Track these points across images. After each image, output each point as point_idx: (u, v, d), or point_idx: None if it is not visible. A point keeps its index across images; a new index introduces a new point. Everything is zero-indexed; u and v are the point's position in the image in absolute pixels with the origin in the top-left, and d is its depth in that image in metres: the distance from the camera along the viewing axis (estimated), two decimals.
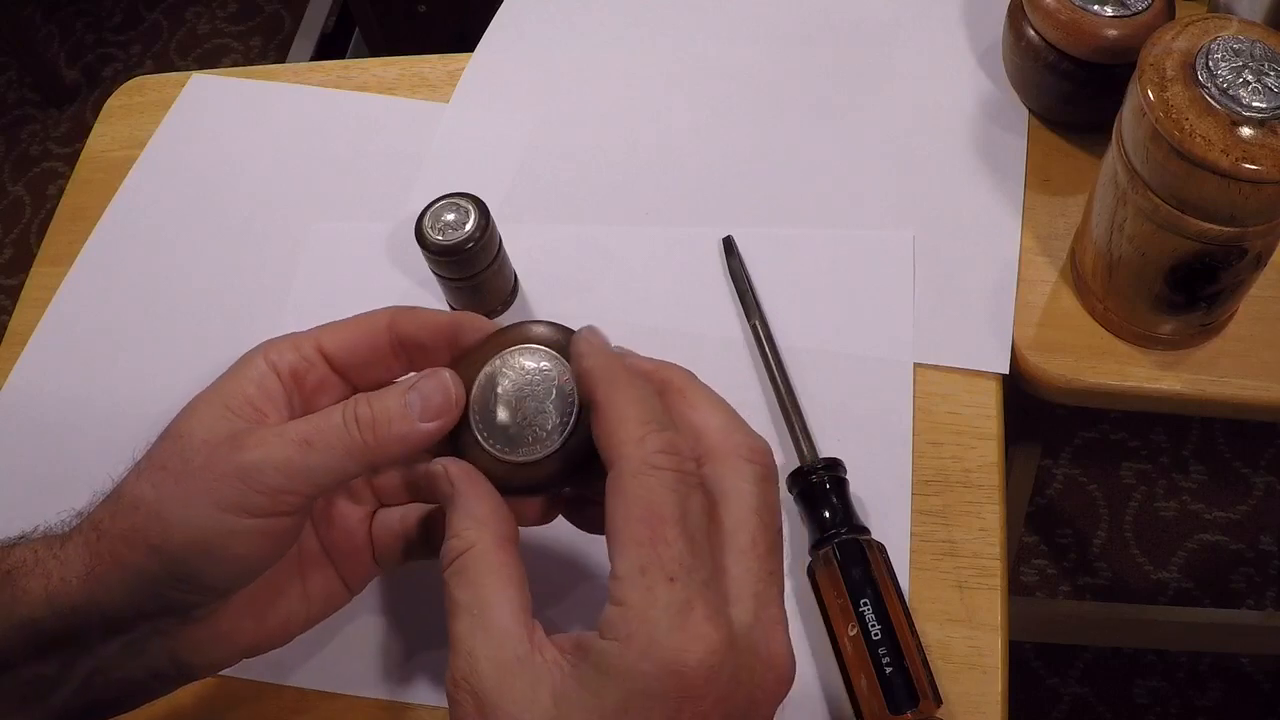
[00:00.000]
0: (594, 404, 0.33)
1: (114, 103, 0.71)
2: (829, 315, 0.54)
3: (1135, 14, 0.52)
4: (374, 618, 0.48)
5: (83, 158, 0.69)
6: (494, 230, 0.52)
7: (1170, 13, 0.53)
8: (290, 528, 0.35)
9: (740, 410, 0.51)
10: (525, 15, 0.69)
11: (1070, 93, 0.55)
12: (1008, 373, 0.51)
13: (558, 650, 0.31)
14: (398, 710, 0.46)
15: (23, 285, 0.63)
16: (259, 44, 1.94)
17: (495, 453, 0.36)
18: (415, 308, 0.38)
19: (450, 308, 0.55)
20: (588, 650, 0.30)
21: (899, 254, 0.55)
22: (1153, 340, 0.51)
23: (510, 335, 0.37)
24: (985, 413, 0.50)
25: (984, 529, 0.47)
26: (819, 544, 0.45)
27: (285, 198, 0.63)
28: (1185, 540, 1.24)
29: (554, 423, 0.35)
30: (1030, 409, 0.76)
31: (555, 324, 0.37)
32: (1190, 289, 0.47)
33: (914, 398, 0.51)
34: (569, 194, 0.61)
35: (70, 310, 0.61)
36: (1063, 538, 1.25)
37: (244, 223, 0.63)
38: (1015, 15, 0.56)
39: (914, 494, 0.48)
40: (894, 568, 0.44)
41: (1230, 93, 0.41)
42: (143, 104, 0.70)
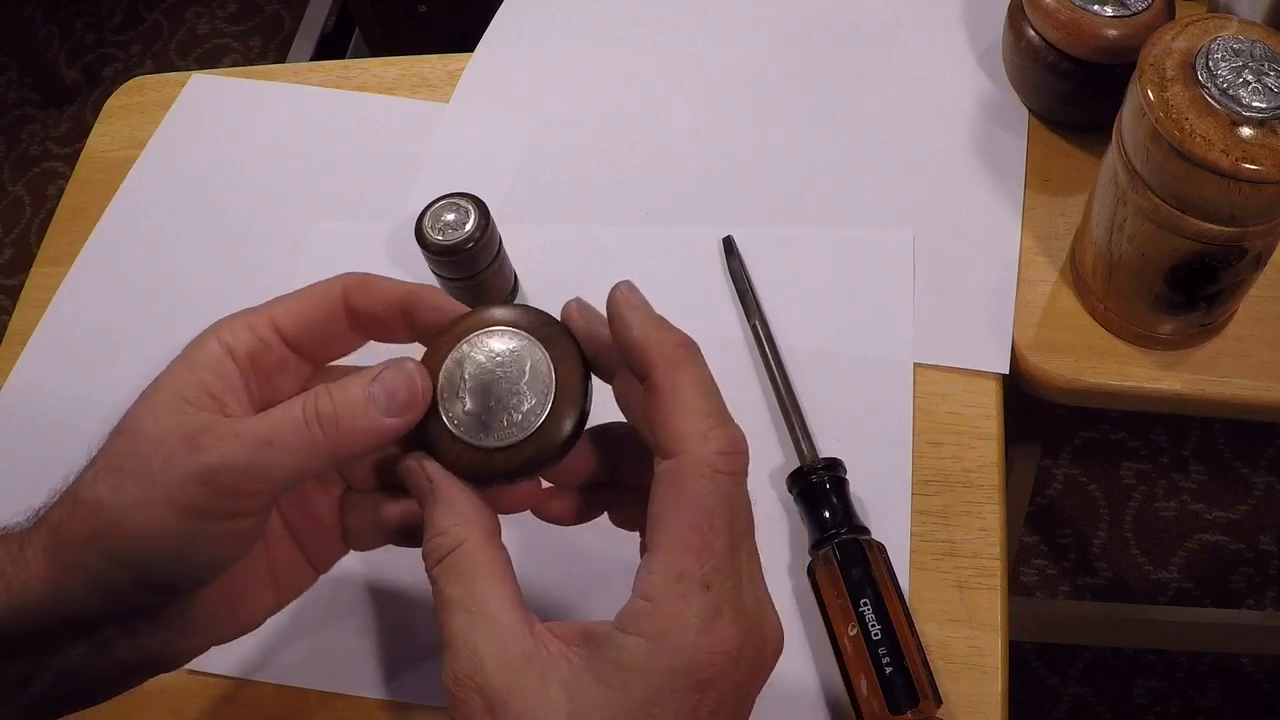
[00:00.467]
0: (651, 384, 0.32)
1: (114, 103, 0.71)
2: (829, 315, 0.54)
3: (1135, 14, 0.52)
4: (374, 618, 0.48)
5: (83, 158, 0.69)
6: (494, 230, 0.52)
7: (1170, 13, 0.53)
8: (255, 525, 0.34)
9: (740, 410, 0.51)
10: (525, 15, 0.69)
11: (1070, 93, 0.55)
12: (1008, 373, 0.51)
13: (562, 642, 0.31)
14: (398, 710, 0.46)
15: (23, 285, 0.63)
16: (259, 44, 1.94)
17: (468, 440, 0.34)
18: (368, 278, 0.37)
19: None
20: (603, 642, 0.30)
21: (899, 254, 0.55)
22: (1153, 340, 0.51)
23: (476, 319, 0.36)
24: (985, 413, 0.50)
25: (984, 529, 0.47)
26: (819, 544, 0.45)
27: (285, 198, 0.63)
28: (1185, 540, 1.24)
29: (529, 405, 0.34)
30: (1030, 409, 0.76)
31: (522, 306, 0.36)
32: (1190, 289, 0.47)
33: (914, 398, 0.51)
34: (569, 194, 0.61)
35: (70, 310, 0.61)
36: (1063, 538, 1.25)
37: (244, 223, 0.63)
38: (1015, 15, 0.56)
39: (914, 494, 0.48)
40: (894, 568, 0.44)
41: (1230, 93, 0.41)
42: (143, 104, 0.70)
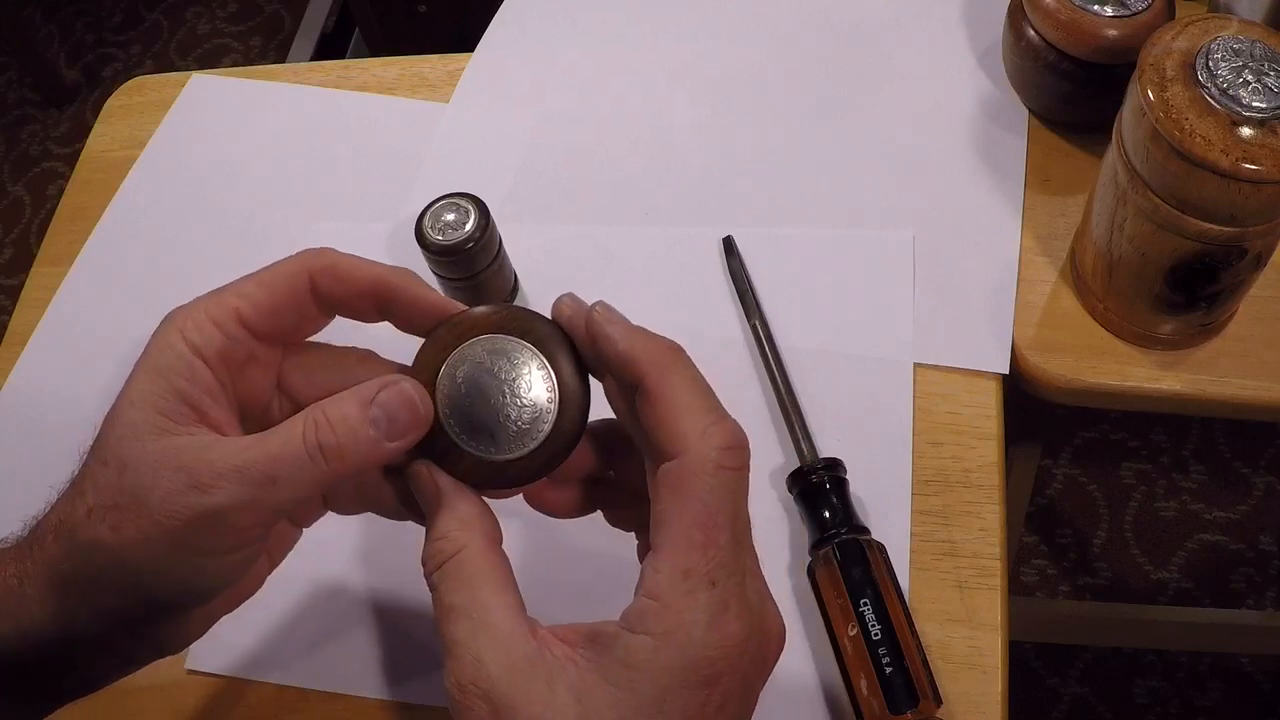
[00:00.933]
0: (645, 390, 0.32)
1: (114, 103, 0.71)
2: (829, 315, 0.54)
3: (1135, 14, 0.52)
4: (374, 618, 0.48)
5: (83, 158, 0.69)
6: (494, 230, 0.52)
7: (1170, 13, 0.53)
8: (258, 549, 0.34)
9: (740, 410, 0.51)
10: (526, 14, 0.69)
11: (1070, 93, 0.55)
12: (1008, 373, 0.51)
13: (566, 645, 0.31)
14: (398, 710, 0.46)
15: (23, 285, 0.63)
16: (259, 44, 1.94)
17: (477, 453, 0.34)
18: (336, 261, 0.35)
19: None
20: (609, 643, 0.30)
21: (899, 254, 0.55)
22: (1153, 340, 0.51)
23: (469, 323, 0.35)
24: (985, 413, 0.50)
25: (984, 529, 0.47)
26: (819, 544, 0.45)
27: (285, 198, 0.63)
28: (1185, 540, 1.24)
29: (533, 412, 0.34)
30: (1030, 409, 0.76)
31: (513, 307, 0.35)
32: (1190, 289, 0.47)
33: (914, 398, 0.51)
34: (569, 193, 0.61)
35: (70, 310, 0.61)
36: (1063, 538, 1.25)
37: (244, 223, 0.63)
38: (1015, 15, 0.56)
39: (914, 494, 0.48)
40: (894, 568, 0.44)
41: (1230, 93, 0.41)
42: (143, 104, 0.70)
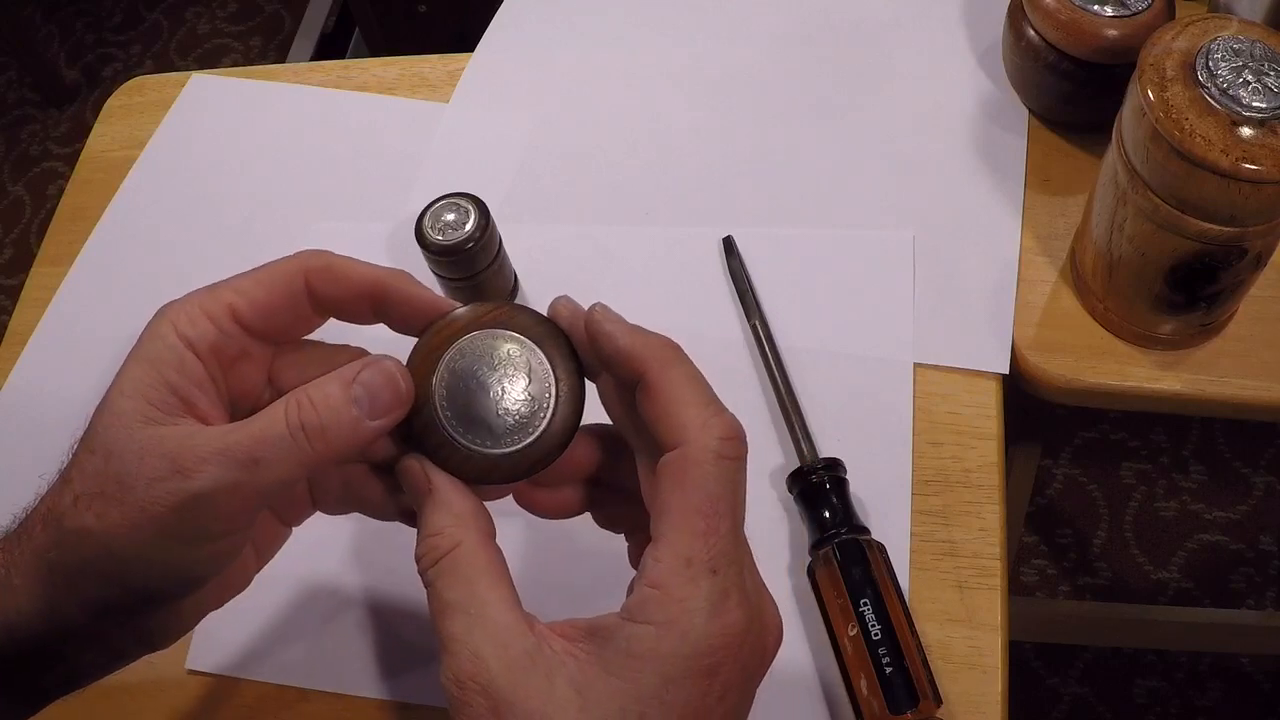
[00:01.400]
0: (646, 384, 0.32)
1: (114, 103, 0.71)
2: (829, 315, 0.54)
3: (1135, 14, 0.52)
4: (374, 617, 0.48)
5: (83, 158, 0.69)
6: (494, 230, 0.52)
7: (1170, 13, 0.53)
8: (244, 535, 0.34)
9: (740, 410, 0.51)
10: (525, 15, 0.69)
11: (1070, 93, 0.55)
12: (1008, 373, 0.51)
13: (565, 640, 0.31)
14: (397, 710, 0.46)
15: (23, 285, 0.63)
16: (259, 44, 1.94)
17: (472, 447, 0.34)
18: (332, 263, 0.35)
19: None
20: (610, 635, 0.30)
21: (899, 254, 0.55)
22: (1153, 340, 0.51)
23: (468, 319, 0.35)
24: (985, 413, 0.50)
25: (984, 529, 0.47)
26: (819, 544, 0.45)
27: (285, 198, 0.63)
28: (1185, 540, 1.24)
29: (528, 408, 0.34)
30: (1030, 409, 0.76)
31: (512, 304, 0.36)
32: (1190, 289, 0.47)
33: (914, 398, 0.51)
34: (569, 193, 0.61)
35: (70, 310, 0.61)
36: (1063, 538, 1.25)
37: (244, 223, 0.63)
38: (1015, 15, 0.56)
39: (914, 494, 0.48)
40: (894, 568, 0.44)
41: (1230, 93, 0.41)
42: (143, 104, 0.70)
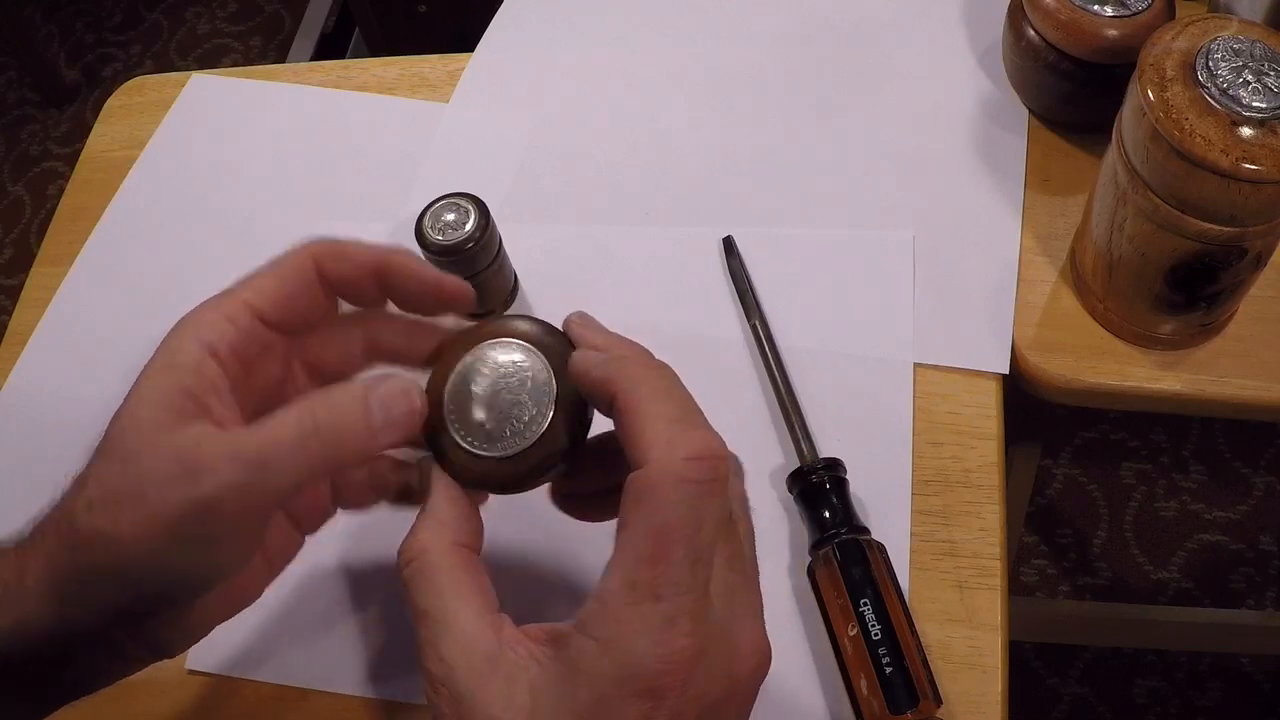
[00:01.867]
0: (615, 402, 0.32)
1: (114, 103, 0.71)
2: (829, 315, 0.54)
3: (1135, 14, 0.52)
4: (374, 618, 0.48)
5: (83, 158, 0.69)
6: (494, 230, 0.52)
7: (1170, 13, 0.53)
8: (255, 539, 0.35)
9: (740, 410, 0.51)
10: (525, 15, 0.69)
11: (1070, 93, 0.55)
12: (1008, 373, 0.51)
13: (532, 642, 0.31)
14: (398, 710, 0.46)
15: (23, 285, 0.63)
16: (259, 44, 1.94)
17: (473, 449, 0.35)
18: (339, 245, 0.36)
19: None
20: (564, 643, 0.30)
21: (899, 254, 0.55)
22: (1153, 340, 0.51)
23: (482, 330, 0.37)
24: (985, 413, 0.50)
25: (984, 529, 0.47)
26: (819, 544, 0.45)
27: (285, 198, 0.63)
28: (1185, 540, 1.24)
29: (530, 415, 0.35)
30: (1030, 409, 0.76)
31: (528, 317, 0.37)
32: (1190, 289, 0.47)
33: (914, 398, 0.51)
34: (569, 194, 0.61)
35: (70, 310, 0.61)
36: (1063, 538, 1.25)
37: (244, 223, 0.63)
38: (1015, 15, 0.56)
39: (914, 494, 0.48)
40: (894, 568, 0.44)
41: (1230, 93, 0.41)
42: (143, 104, 0.70)
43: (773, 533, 0.48)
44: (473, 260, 0.51)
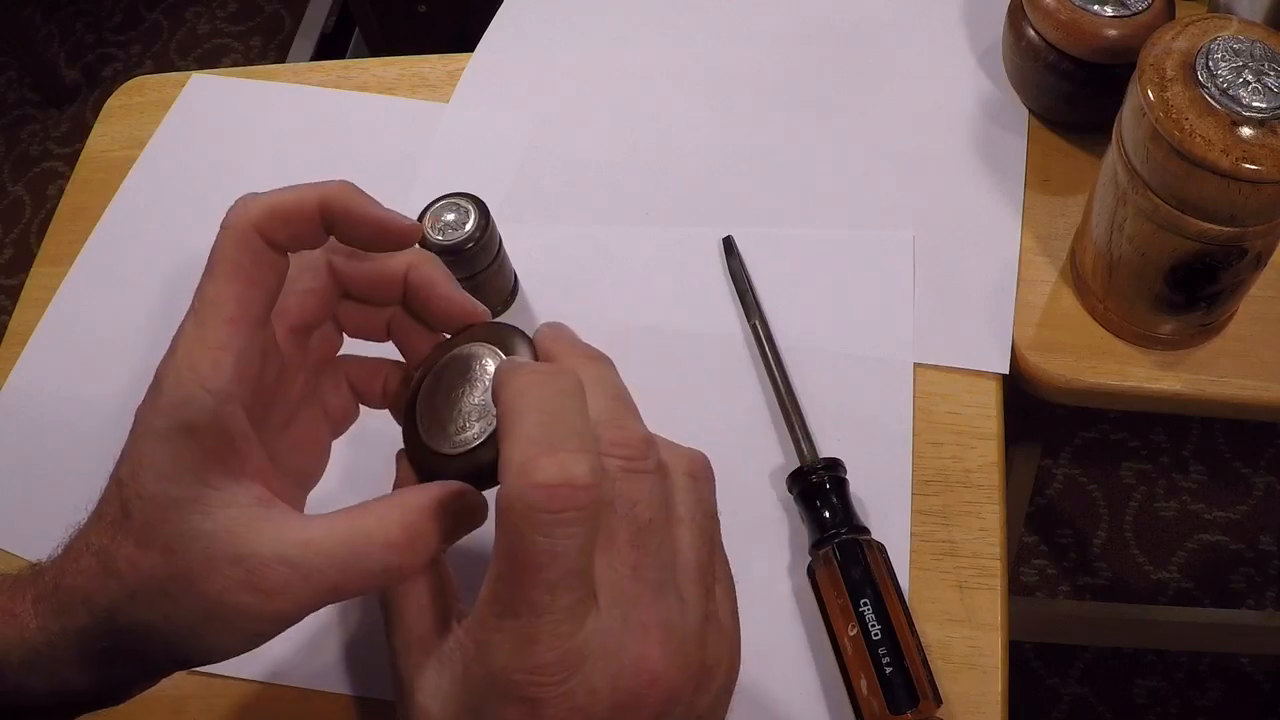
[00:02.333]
0: (497, 413, 0.31)
1: (114, 103, 0.71)
2: (829, 315, 0.54)
3: (1135, 14, 0.52)
4: (374, 618, 0.48)
5: (83, 158, 0.69)
6: (494, 230, 0.52)
7: (1170, 13, 0.53)
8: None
9: (740, 410, 0.51)
10: (525, 15, 0.69)
11: (1070, 93, 0.55)
12: (1008, 373, 0.51)
13: (462, 631, 0.32)
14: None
15: (23, 285, 0.63)
16: (259, 44, 1.94)
17: (429, 444, 0.36)
18: (274, 205, 0.35)
19: None
20: (469, 634, 0.31)
21: (899, 254, 0.55)
22: (1153, 340, 0.51)
23: (464, 336, 0.38)
24: (985, 413, 0.50)
25: (984, 529, 0.47)
26: (819, 544, 0.45)
27: None
28: (1185, 540, 1.24)
29: (480, 413, 0.36)
30: (1030, 409, 0.76)
31: (511, 326, 0.38)
32: (1190, 289, 0.47)
33: (914, 398, 0.51)
34: (569, 194, 0.61)
35: (70, 310, 0.61)
36: (1063, 538, 1.25)
37: None
38: (1015, 15, 0.56)
39: (914, 494, 0.48)
40: (894, 568, 0.44)
41: (1230, 93, 0.41)
42: (143, 104, 0.70)
43: (773, 533, 0.48)
44: (473, 260, 0.52)
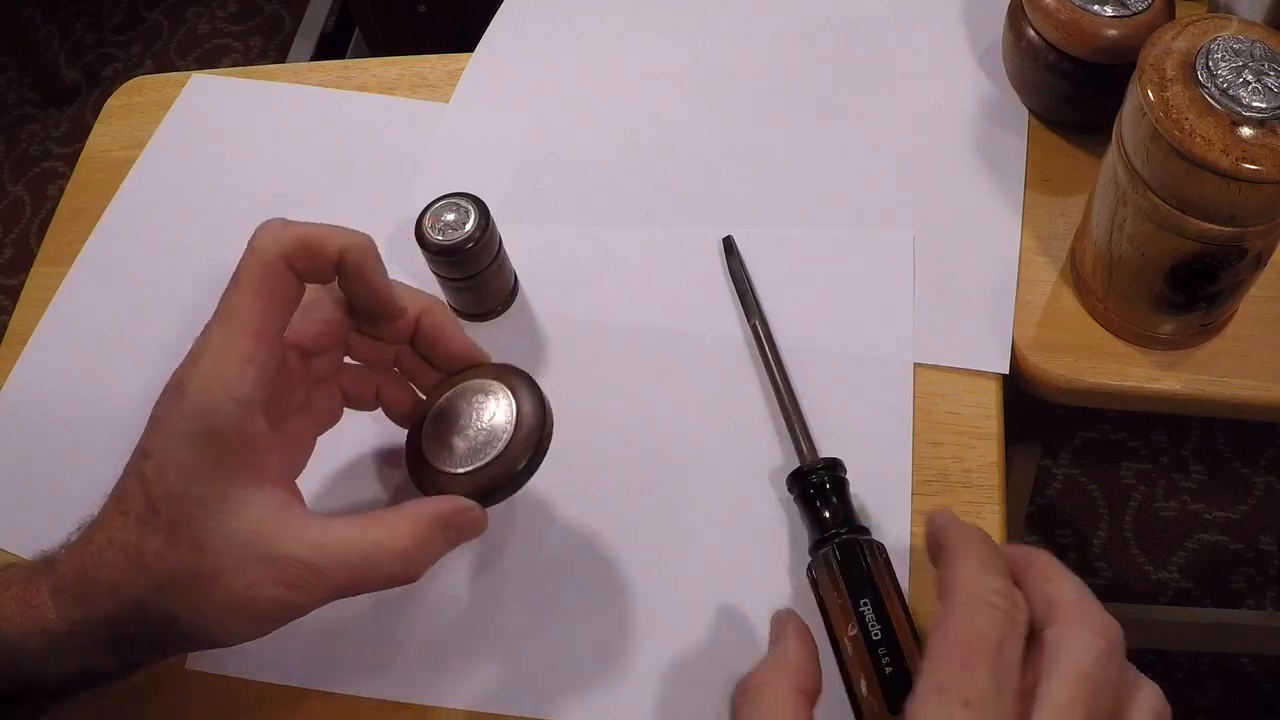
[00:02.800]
0: (943, 547, 0.36)
1: (114, 103, 0.71)
2: (829, 315, 0.54)
3: (1135, 14, 0.52)
4: (374, 618, 0.48)
5: (83, 158, 0.69)
6: (494, 230, 0.52)
7: (1170, 13, 0.53)
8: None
9: (740, 410, 0.52)
10: (525, 15, 0.69)
11: (1070, 93, 0.55)
12: (1008, 373, 0.51)
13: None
14: (398, 710, 0.46)
15: (23, 285, 0.63)
16: (259, 44, 1.94)
17: (437, 465, 0.42)
18: (303, 238, 0.38)
19: (450, 308, 0.55)
20: None
21: (899, 254, 0.55)
22: (1153, 340, 0.51)
23: (467, 374, 0.44)
24: (985, 413, 0.50)
25: (984, 529, 0.47)
26: (819, 544, 0.45)
27: (285, 198, 0.63)
28: (1185, 540, 1.24)
29: (488, 437, 0.41)
30: (1030, 409, 0.76)
31: (510, 366, 0.44)
32: (1190, 289, 0.47)
33: (914, 398, 0.51)
34: (569, 194, 0.61)
35: (70, 310, 0.61)
36: (1063, 538, 1.25)
37: (244, 223, 0.62)
38: (1015, 15, 0.56)
39: (914, 494, 0.48)
40: (894, 568, 0.44)
41: (1230, 93, 0.41)
42: (143, 104, 0.70)
43: (773, 533, 0.48)
44: (473, 260, 0.51)
